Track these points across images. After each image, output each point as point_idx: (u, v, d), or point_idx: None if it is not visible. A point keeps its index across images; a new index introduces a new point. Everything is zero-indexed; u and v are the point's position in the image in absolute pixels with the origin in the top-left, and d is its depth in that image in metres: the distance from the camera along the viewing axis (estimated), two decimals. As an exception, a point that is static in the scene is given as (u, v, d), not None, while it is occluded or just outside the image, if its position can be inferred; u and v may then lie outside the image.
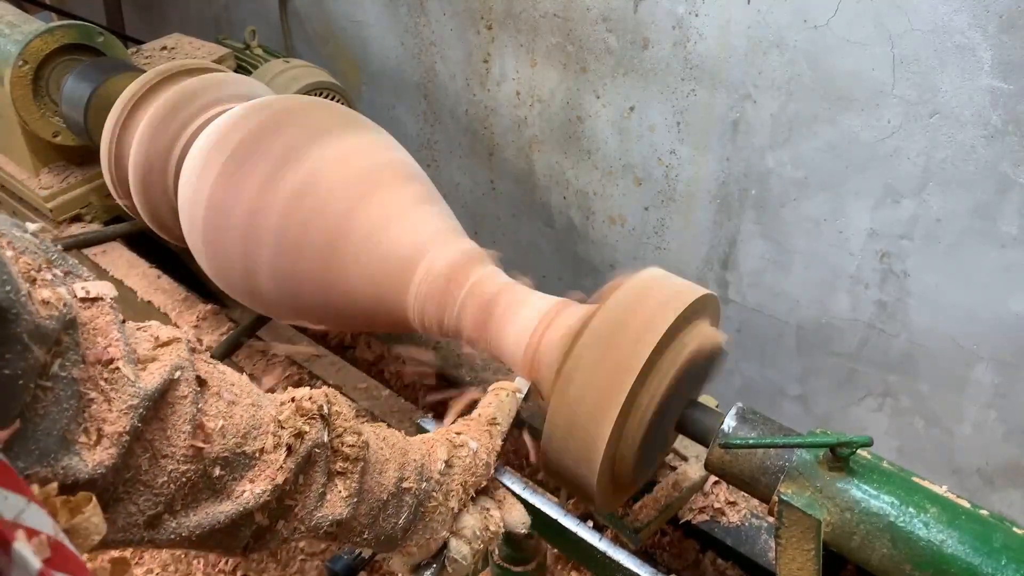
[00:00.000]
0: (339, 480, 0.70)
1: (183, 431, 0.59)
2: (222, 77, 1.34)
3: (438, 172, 2.35)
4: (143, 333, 0.61)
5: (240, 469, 0.64)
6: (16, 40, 1.56)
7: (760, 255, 1.75)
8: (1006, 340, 1.49)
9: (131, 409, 0.55)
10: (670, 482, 1.07)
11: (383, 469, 0.74)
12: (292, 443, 0.66)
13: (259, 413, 0.66)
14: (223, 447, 0.62)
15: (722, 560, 1.20)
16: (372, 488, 0.73)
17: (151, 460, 0.58)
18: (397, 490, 0.74)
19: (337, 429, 0.70)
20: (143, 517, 0.58)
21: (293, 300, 1.08)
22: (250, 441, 0.64)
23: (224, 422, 0.63)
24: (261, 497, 0.64)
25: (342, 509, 0.70)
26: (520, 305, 0.95)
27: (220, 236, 1.07)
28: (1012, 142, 1.32)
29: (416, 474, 0.76)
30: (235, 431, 0.63)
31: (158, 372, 0.58)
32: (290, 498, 0.67)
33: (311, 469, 0.68)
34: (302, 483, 0.68)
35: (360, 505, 0.72)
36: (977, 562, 0.66)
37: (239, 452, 0.63)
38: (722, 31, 1.57)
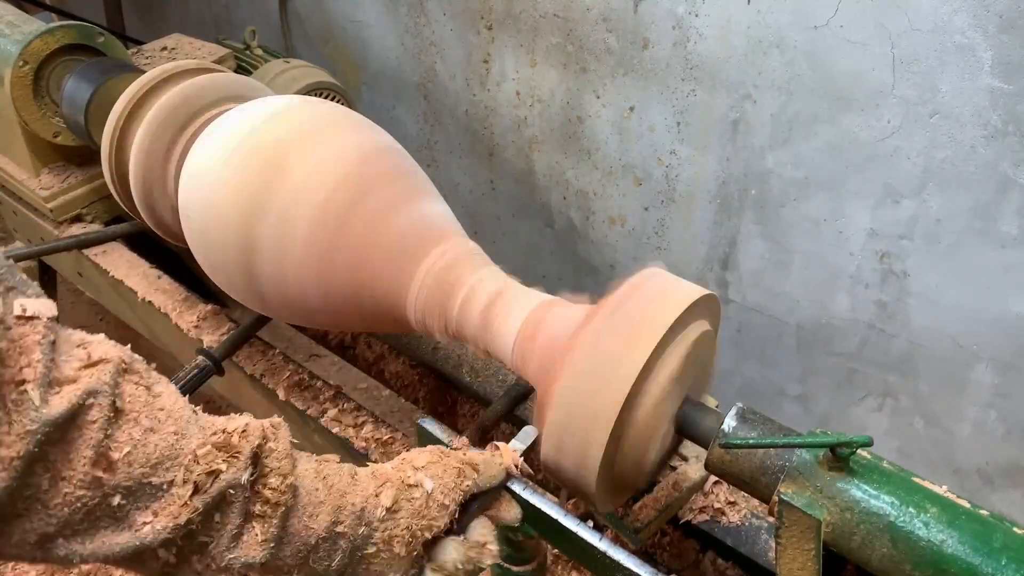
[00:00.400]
0: (257, 523, 0.67)
1: (85, 456, 0.58)
2: (222, 77, 1.34)
3: (438, 172, 2.35)
4: (79, 351, 0.61)
5: (144, 499, 0.62)
6: (16, 40, 1.55)
7: (760, 255, 1.75)
8: (1006, 340, 1.49)
9: (28, 434, 0.54)
10: (670, 482, 1.07)
11: (315, 512, 0.70)
12: (201, 481, 0.63)
13: (179, 443, 0.64)
14: (127, 475, 0.60)
15: (722, 560, 1.20)
16: (299, 531, 0.69)
17: (51, 481, 0.57)
18: (329, 535, 0.71)
19: (264, 470, 0.67)
20: (34, 536, 0.58)
21: (293, 300, 1.08)
22: (160, 472, 0.62)
23: (133, 450, 0.61)
24: (161, 533, 0.62)
25: (256, 552, 0.67)
26: (520, 305, 0.95)
27: (220, 236, 1.07)
28: (1012, 142, 1.32)
29: (353, 518, 0.72)
30: (144, 460, 0.61)
31: (67, 396, 0.57)
32: (203, 535, 0.65)
33: (226, 509, 0.65)
34: (217, 521, 0.65)
35: (284, 547, 0.69)
36: (977, 562, 0.66)
37: (145, 482, 0.61)
38: (722, 31, 1.57)
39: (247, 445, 0.66)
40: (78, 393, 0.58)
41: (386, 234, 1.02)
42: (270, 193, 1.03)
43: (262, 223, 1.03)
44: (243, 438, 0.67)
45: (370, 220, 1.02)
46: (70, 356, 0.60)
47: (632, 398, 0.80)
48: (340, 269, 1.03)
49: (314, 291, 1.05)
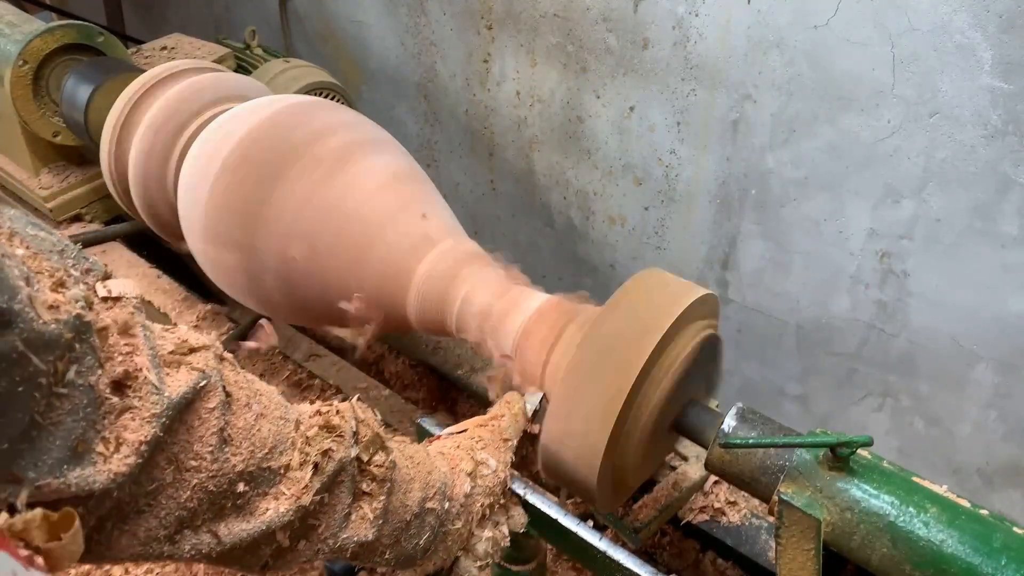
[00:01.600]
0: (365, 502, 0.67)
1: (210, 443, 0.56)
2: (222, 77, 1.34)
3: (438, 172, 2.35)
4: (171, 335, 0.58)
5: (264, 485, 0.61)
6: (16, 40, 1.55)
7: (760, 255, 1.75)
8: (1006, 340, 1.49)
9: (154, 417, 0.52)
10: (670, 482, 1.07)
11: (408, 489, 0.71)
12: (319, 461, 0.63)
13: (286, 427, 0.63)
14: (249, 461, 0.59)
15: (722, 560, 1.20)
16: (397, 508, 0.70)
17: (175, 472, 0.55)
18: (421, 511, 0.72)
19: (366, 447, 0.67)
20: (164, 531, 0.56)
21: (293, 300, 1.08)
22: (276, 456, 0.61)
23: (252, 435, 0.60)
24: (285, 516, 0.61)
25: (367, 531, 0.67)
26: (520, 305, 0.95)
27: (221, 235, 1.07)
28: (1012, 142, 1.32)
29: (440, 494, 0.73)
30: (262, 445, 0.60)
31: (185, 380, 0.55)
32: (313, 517, 0.64)
33: (337, 488, 0.65)
34: (327, 502, 0.65)
35: (384, 526, 0.69)
36: (977, 562, 0.66)
37: (264, 468, 0.60)
38: (722, 31, 1.57)
39: (347, 424, 0.66)
40: (194, 376, 0.55)
41: (387, 233, 1.02)
42: (270, 193, 1.03)
43: (262, 223, 1.03)
44: (342, 418, 0.66)
45: (371, 219, 1.02)
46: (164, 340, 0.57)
47: (632, 398, 0.80)
48: (340, 269, 1.03)
49: (314, 291, 1.05)
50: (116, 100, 1.34)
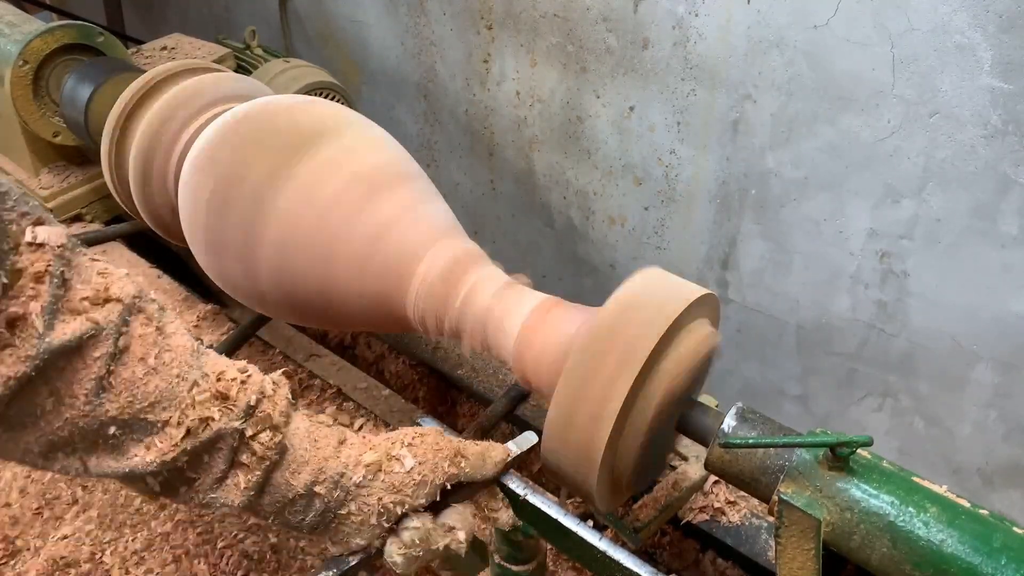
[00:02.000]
0: (241, 471, 0.71)
1: (86, 387, 0.62)
2: (222, 77, 1.34)
3: (438, 172, 2.35)
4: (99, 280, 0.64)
5: (138, 433, 0.66)
6: (16, 40, 1.55)
7: (760, 255, 1.75)
8: (1006, 340, 1.49)
9: (28, 359, 0.58)
10: (670, 482, 1.07)
11: (298, 470, 0.73)
12: (193, 426, 0.67)
13: (179, 386, 0.67)
14: (123, 410, 0.65)
15: (722, 560, 1.20)
16: (279, 485, 0.73)
17: (54, 404, 0.62)
18: (307, 492, 0.74)
19: (258, 423, 0.70)
20: (38, 448, 0.64)
21: (293, 300, 1.08)
22: (157, 411, 0.66)
23: (132, 387, 0.65)
24: (150, 466, 0.66)
25: (236, 497, 0.71)
26: (520, 305, 0.95)
27: (220, 236, 1.07)
28: (1012, 142, 1.32)
29: (331, 482, 0.75)
30: (143, 398, 0.65)
31: (72, 328, 0.61)
32: (190, 471, 0.69)
33: (214, 454, 0.69)
34: (205, 462, 0.69)
35: (263, 496, 0.72)
36: (977, 562, 0.66)
37: (141, 418, 0.66)
38: (722, 31, 1.57)
39: (244, 397, 0.70)
40: (83, 327, 0.61)
41: (386, 233, 1.02)
42: (271, 193, 1.03)
43: (263, 223, 1.03)
44: (242, 390, 0.70)
45: (371, 218, 1.02)
46: (85, 286, 0.63)
47: (632, 398, 0.80)
48: (340, 269, 1.03)
49: (314, 290, 1.05)
50: (116, 100, 1.34)
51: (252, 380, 0.71)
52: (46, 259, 0.60)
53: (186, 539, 1.38)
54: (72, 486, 1.64)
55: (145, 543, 1.38)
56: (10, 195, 0.60)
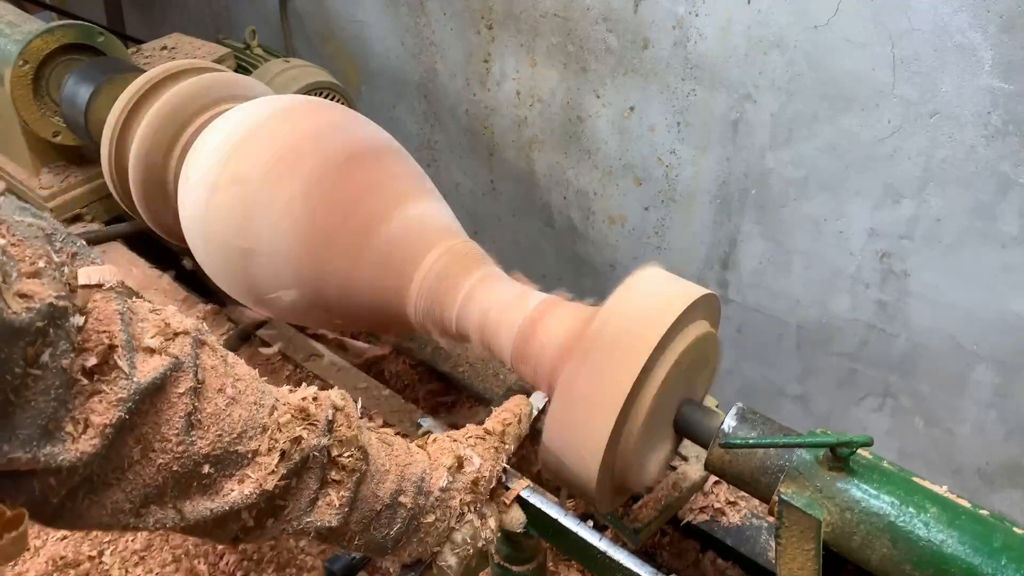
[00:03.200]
0: (332, 489, 0.69)
1: (176, 427, 0.59)
2: (222, 77, 1.34)
3: (438, 172, 2.35)
4: (155, 317, 0.61)
5: (231, 468, 0.63)
6: (16, 40, 1.55)
7: (760, 255, 1.75)
8: (1006, 340, 1.49)
9: (121, 402, 0.55)
10: (670, 482, 1.07)
11: (381, 480, 0.72)
12: (287, 448, 0.65)
13: (259, 413, 0.65)
14: (215, 445, 0.62)
15: (722, 560, 1.20)
16: (366, 498, 0.71)
17: (142, 452, 0.58)
18: (392, 503, 0.73)
19: (339, 437, 0.69)
20: (130, 505, 0.59)
21: (293, 299, 1.08)
22: (245, 441, 0.64)
23: (219, 420, 0.62)
24: (249, 498, 0.64)
25: (331, 518, 0.69)
26: (520, 305, 0.95)
27: (220, 236, 1.07)
28: (1012, 142, 1.32)
29: (414, 488, 0.74)
30: (231, 430, 0.63)
31: (156, 366, 0.58)
32: (280, 500, 0.67)
33: (305, 475, 0.67)
34: (294, 487, 0.67)
35: (352, 514, 0.71)
36: (977, 562, 0.66)
37: (232, 451, 0.63)
38: (722, 31, 1.57)
39: (322, 413, 0.68)
40: (166, 363, 0.58)
41: (386, 234, 1.02)
42: (271, 192, 1.03)
43: (263, 222, 1.03)
44: (318, 406, 0.68)
45: (371, 220, 1.02)
46: (146, 324, 0.60)
47: (632, 398, 0.80)
48: (340, 268, 1.03)
49: (314, 290, 1.05)
50: (116, 100, 1.34)
51: (323, 396, 0.70)
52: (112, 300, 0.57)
53: (186, 539, 1.38)
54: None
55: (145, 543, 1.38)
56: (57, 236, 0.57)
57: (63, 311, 0.52)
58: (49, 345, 0.51)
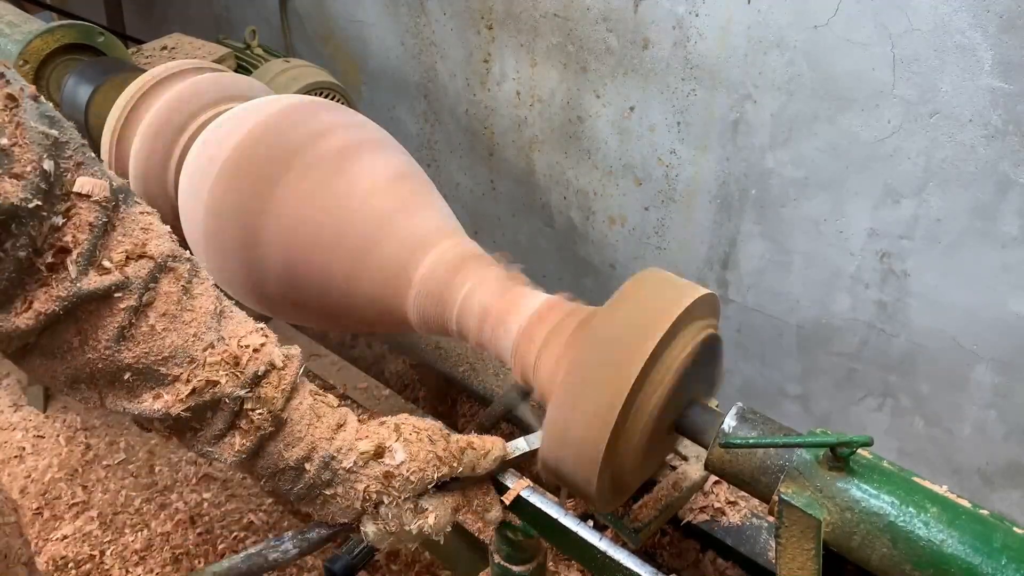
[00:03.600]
0: (238, 434, 0.75)
1: (108, 335, 0.68)
2: (222, 77, 1.34)
3: (438, 172, 2.35)
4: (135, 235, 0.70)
5: (150, 382, 0.72)
6: (16, 40, 1.55)
7: (760, 255, 1.75)
8: (1006, 340, 1.49)
9: (59, 299, 0.65)
10: (670, 482, 1.07)
11: (291, 444, 0.77)
12: (199, 386, 0.72)
13: (194, 345, 0.72)
14: (139, 359, 0.70)
15: (722, 560, 1.20)
16: (272, 454, 0.77)
17: (80, 341, 0.68)
18: (297, 467, 0.77)
19: (260, 394, 0.74)
20: (64, 377, 0.71)
21: (294, 299, 1.08)
22: (169, 365, 0.71)
23: (150, 340, 0.70)
24: (155, 414, 0.72)
25: (229, 456, 0.75)
26: (520, 306, 0.95)
27: (221, 235, 1.07)
28: (1012, 142, 1.32)
29: (321, 462, 0.78)
30: (158, 351, 0.71)
31: (101, 280, 0.67)
32: (195, 422, 0.74)
33: (217, 412, 0.74)
34: (204, 419, 0.74)
35: (256, 460, 0.77)
36: (977, 562, 0.66)
37: (154, 369, 0.71)
38: (722, 31, 1.57)
39: (252, 367, 0.74)
40: (112, 279, 0.67)
41: (387, 234, 1.02)
42: (271, 192, 1.03)
43: (263, 222, 1.03)
44: (253, 359, 0.75)
45: (371, 219, 1.02)
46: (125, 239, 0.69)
47: (632, 398, 0.80)
48: (341, 268, 1.03)
49: (314, 290, 1.05)
50: (116, 100, 1.34)
51: (264, 351, 0.75)
52: (91, 209, 0.66)
53: (186, 539, 1.38)
54: (72, 486, 1.65)
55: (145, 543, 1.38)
56: (69, 145, 0.67)
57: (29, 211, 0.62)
58: (11, 236, 0.62)
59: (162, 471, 1.68)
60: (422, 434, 0.82)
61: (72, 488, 1.63)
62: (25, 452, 1.77)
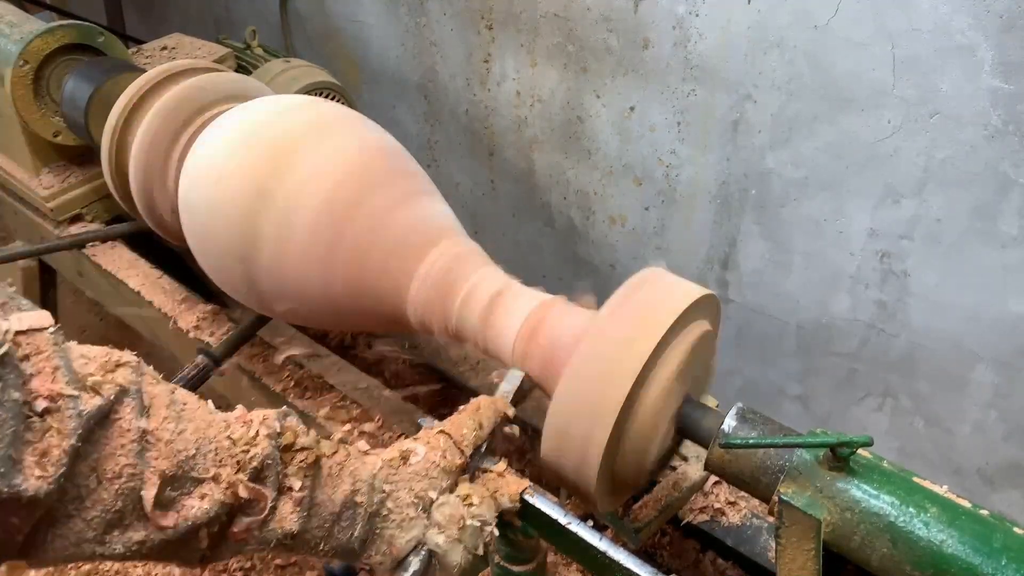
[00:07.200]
0: (289, 496, 0.72)
1: (129, 450, 0.62)
2: (222, 77, 1.34)
3: (438, 172, 2.35)
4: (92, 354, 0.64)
5: (188, 485, 0.66)
6: (17, 40, 1.55)
7: (760, 255, 1.75)
8: (1006, 340, 1.49)
9: (72, 432, 0.58)
10: (670, 482, 1.07)
11: (336, 484, 0.75)
12: (241, 459, 0.68)
13: (210, 430, 0.68)
14: (170, 464, 0.64)
15: (722, 560, 1.20)
16: (323, 502, 0.74)
17: (98, 479, 0.61)
18: (349, 503, 0.76)
19: (289, 445, 0.72)
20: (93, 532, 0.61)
21: (293, 299, 1.08)
22: (199, 458, 0.66)
23: (173, 440, 0.65)
24: (209, 512, 0.66)
25: (291, 523, 0.71)
26: (520, 305, 0.95)
27: (220, 236, 1.07)
28: (1012, 142, 1.32)
29: (367, 487, 0.77)
30: (184, 448, 0.65)
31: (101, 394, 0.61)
32: (241, 512, 0.69)
33: (261, 484, 0.70)
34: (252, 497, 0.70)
35: (311, 519, 0.73)
36: (977, 562, 0.66)
37: (187, 469, 0.65)
38: (722, 31, 1.57)
39: (271, 424, 0.72)
40: (111, 391, 0.62)
41: (387, 233, 1.02)
42: (271, 191, 1.03)
43: (263, 221, 1.03)
44: (264, 422, 0.72)
45: (371, 219, 1.02)
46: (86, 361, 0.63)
47: (632, 398, 0.80)
48: (340, 267, 1.03)
49: (314, 289, 1.05)
50: (116, 100, 1.34)
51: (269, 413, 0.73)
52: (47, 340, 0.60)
53: (186, 539, 1.38)
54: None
55: (145, 543, 1.38)
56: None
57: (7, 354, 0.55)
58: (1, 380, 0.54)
59: (162, 471, 1.67)
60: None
61: (72, 488, 1.63)
62: (25, 452, 1.76)
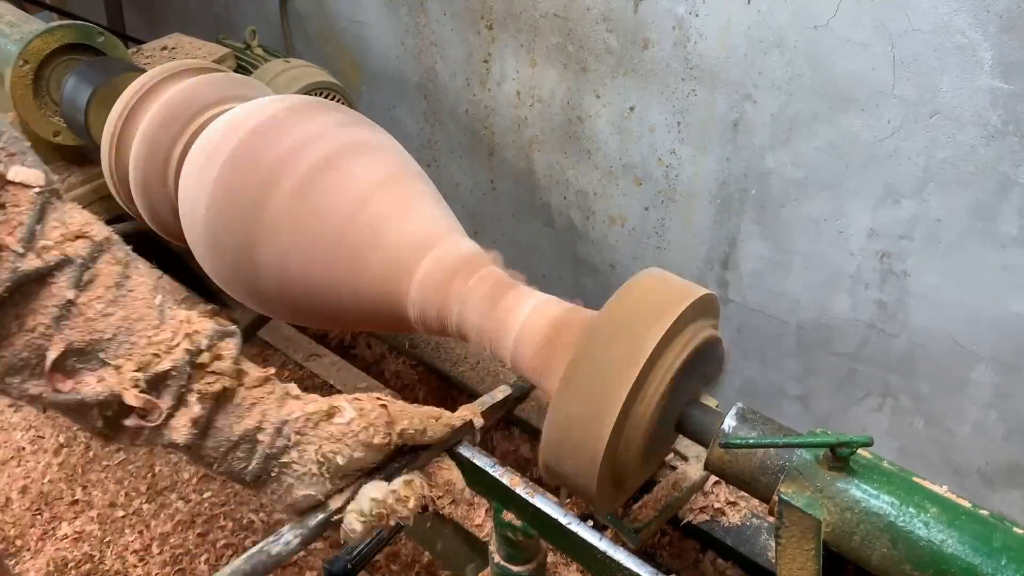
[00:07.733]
0: (186, 410, 0.73)
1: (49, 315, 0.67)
2: (222, 77, 1.34)
3: (438, 172, 2.35)
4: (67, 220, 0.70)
5: (92, 363, 0.69)
6: (16, 40, 1.55)
7: (760, 255, 1.75)
8: (1006, 340, 1.49)
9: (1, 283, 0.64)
10: (670, 482, 1.07)
11: (241, 415, 0.75)
12: (144, 361, 0.70)
13: (136, 324, 0.71)
14: (82, 339, 0.68)
15: (722, 560, 1.20)
16: (222, 428, 0.75)
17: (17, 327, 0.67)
18: (250, 438, 0.76)
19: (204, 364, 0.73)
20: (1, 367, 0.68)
21: (293, 300, 1.08)
22: (112, 344, 0.70)
23: (92, 318, 0.69)
24: (99, 396, 0.69)
25: (181, 437, 0.73)
26: (521, 306, 0.95)
27: (220, 236, 1.07)
28: (1012, 142, 1.32)
29: (273, 429, 0.76)
30: (100, 330, 0.69)
31: (42, 258, 0.66)
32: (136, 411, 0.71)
33: (162, 391, 0.72)
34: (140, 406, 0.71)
35: (207, 439, 0.74)
36: (977, 562, 0.66)
37: (96, 349, 0.69)
38: (722, 31, 1.57)
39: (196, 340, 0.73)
40: (53, 257, 0.67)
41: (387, 233, 1.02)
42: (272, 191, 1.03)
43: (263, 221, 1.03)
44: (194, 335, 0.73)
45: (371, 219, 1.02)
46: (59, 224, 0.69)
47: (632, 398, 0.80)
48: (341, 267, 1.03)
49: (314, 289, 1.05)
50: (116, 100, 1.34)
51: (206, 326, 0.75)
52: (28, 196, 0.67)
53: (186, 539, 1.38)
54: (72, 486, 1.65)
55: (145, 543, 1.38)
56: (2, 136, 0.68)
57: None
58: None
59: (162, 471, 1.68)
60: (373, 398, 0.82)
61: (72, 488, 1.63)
62: (25, 452, 1.77)
